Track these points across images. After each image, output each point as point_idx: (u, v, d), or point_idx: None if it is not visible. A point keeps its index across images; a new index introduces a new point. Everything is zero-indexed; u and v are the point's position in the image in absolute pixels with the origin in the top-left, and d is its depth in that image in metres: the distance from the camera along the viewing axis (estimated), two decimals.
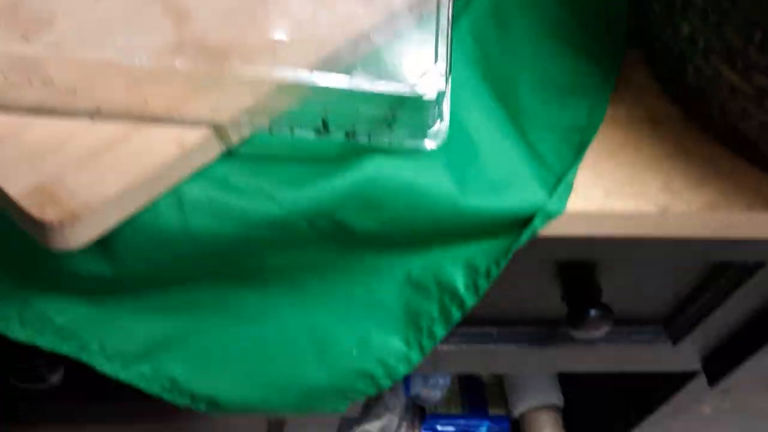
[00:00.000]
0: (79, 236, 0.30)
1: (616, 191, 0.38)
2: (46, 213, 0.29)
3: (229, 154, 0.35)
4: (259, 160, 0.35)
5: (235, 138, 0.34)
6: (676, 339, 0.61)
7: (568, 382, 0.92)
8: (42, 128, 0.31)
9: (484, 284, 0.39)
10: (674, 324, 0.60)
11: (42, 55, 0.31)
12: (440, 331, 0.41)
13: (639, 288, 0.56)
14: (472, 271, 0.39)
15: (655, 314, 0.60)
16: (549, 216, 0.37)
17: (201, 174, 0.34)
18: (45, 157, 0.30)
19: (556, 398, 0.91)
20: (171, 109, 0.31)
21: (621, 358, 0.63)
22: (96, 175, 0.30)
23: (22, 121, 0.31)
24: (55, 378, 0.46)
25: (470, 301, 0.40)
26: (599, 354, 0.62)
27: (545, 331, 0.59)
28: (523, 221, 0.37)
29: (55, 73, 0.30)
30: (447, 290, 0.40)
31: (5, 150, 0.30)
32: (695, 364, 0.65)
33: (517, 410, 0.91)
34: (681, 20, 0.36)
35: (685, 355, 0.63)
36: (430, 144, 0.35)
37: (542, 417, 0.91)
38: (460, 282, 0.39)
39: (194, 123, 0.32)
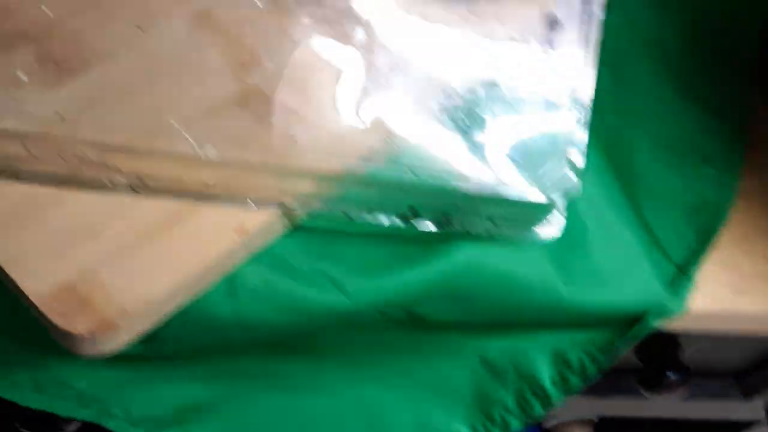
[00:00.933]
0: (114, 343, 0.25)
1: (747, 287, 0.32)
2: (75, 323, 0.23)
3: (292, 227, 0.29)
4: (326, 236, 0.29)
5: (302, 214, 0.28)
6: (747, 394, 0.56)
7: None
8: (73, 206, 0.25)
9: (576, 382, 0.34)
10: (748, 380, 0.55)
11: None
12: (515, 424, 0.36)
13: (717, 346, 0.51)
14: (561, 362, 0.34)
15: (728, 367, 0.55)
16: (665, 315, 0.31)
17: (258, 253, 0.28)
18: (75, 245, 0.24)
19: (591, 412, 0.87)
20: (234, 189, 0.25)
21: (683, 407, 0.58)
22: (139, 271, 0.24)
23: (49, 197, 0.25)
24: (72, 427, 0.41)
25: (556, 396, 0.34)
26: (658, 403, 0.57)
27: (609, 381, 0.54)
28: (633, 317, 0.32)
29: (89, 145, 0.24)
30: (527, 379, 0.34)
31: (26, 236, 0.24)
32: (759, 414, 0.60)
33: (550, 422, 0.87)
34: None
35: (751, 407, 0.58)
36: (542, 234, 0.29)
37: (575, 430, 0.87)
38: (545, 373, 0.34)
39: (259, 204, 0.26)
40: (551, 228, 0.28)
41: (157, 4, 0.29)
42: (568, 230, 0.31)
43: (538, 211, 0.26)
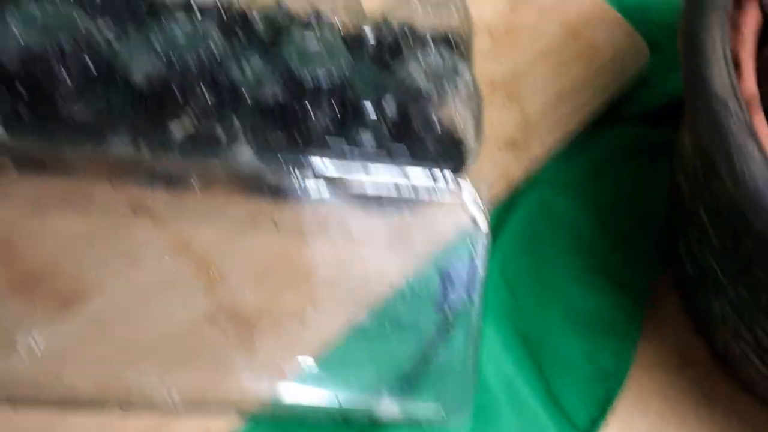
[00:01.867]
0: None
1: None
2: None
3: None
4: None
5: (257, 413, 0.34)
6: None
7: None
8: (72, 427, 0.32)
9: None
10: None
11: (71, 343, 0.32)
12: None
13: None
14: None
15: None
16: None
17: None
18: None
19: None
20: (198, 397, 0.32)
21: None
22: None
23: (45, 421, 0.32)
24: None
25: None
26: None
27: None
28: None
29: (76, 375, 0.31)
30: None
31: None
32: None
33: None
34: (714, 299, 0.35)
35: None
36: (453, 421, 0.35)
37: None
38: None
39: (221, 409, 0.33)
40: (461, 417, 0.35)
41: (144, 235, 0.36)
42: (481, 406, 0.37)
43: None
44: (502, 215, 0.43)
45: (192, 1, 0.36)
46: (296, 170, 0.33)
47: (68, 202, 0.36)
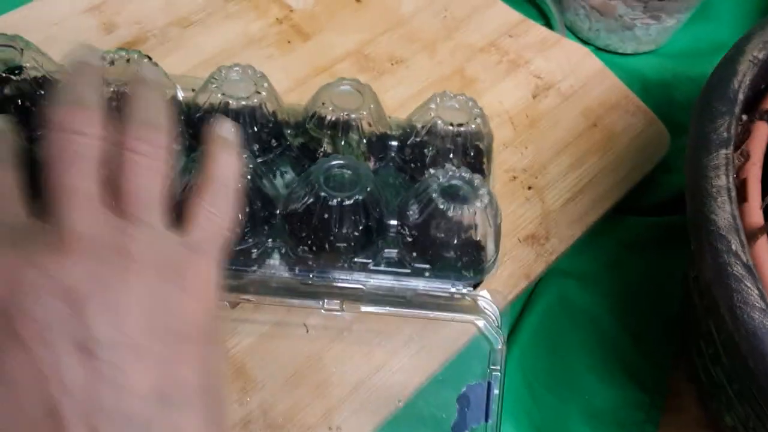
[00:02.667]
0: None
1: None
2: None
3: None
4: None
5: None
6: None
7: None
8: None
9: None
10: None
11: None
12: None
13: None
14: None
15: None
16: None
17: None
18: None
19: None
20: None
21: None
22: None
23: None
24: None
25: None
26: None
27: None
28: None
29: None
30: None
31: None
32: None
33: None
34: (725, 411, 0.36)
35: None
36: None
37: None
38: None
39: None
40: None
41: None
42: None
43: None
44: (521, 309, 0.45)
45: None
46: (322, 297, 0.36)
47: None
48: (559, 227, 0.45)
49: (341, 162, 0.36)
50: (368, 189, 0.35)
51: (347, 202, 0.35)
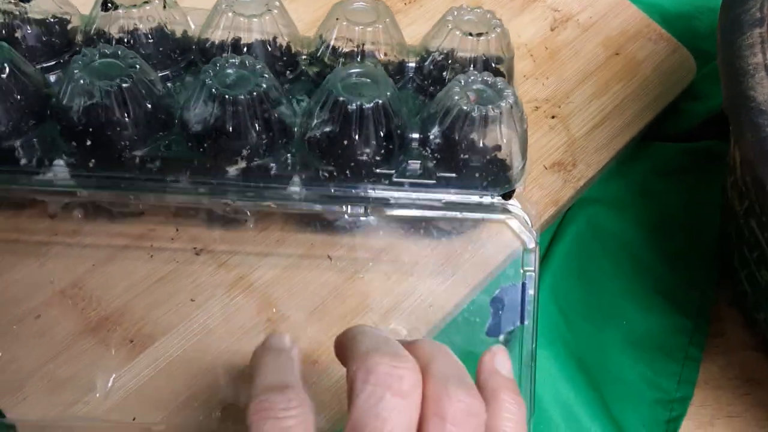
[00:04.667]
0: None
1: None
2: None
3: None
4: None
5: None
6: None
7: None
8: None
9: None
10: None
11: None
12: None
13: None
14: None
15: None
16: None
17: None
18: None
19: None
20: None
21: None
22: None
23: None
24: None
25: None
26: None
27: None
28: None
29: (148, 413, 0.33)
30: None
31: None
32: None
33: None
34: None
35: None
36: None
37: None
38: None
39: None
40: None
41: (206, 275, 0.38)
42: None
43: None
44: (551, 237, 0.43)
45: (241, 44, 0.38)
46: (346, 203, 0.34)
47: (134, 247, 0.38)
48: (586, 154, 0.44)
49: (359, 70, 0.35)
50: (388, 93, 0.34)
51: (367, 106, 0.33)
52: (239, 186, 0.36)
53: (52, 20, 0.38)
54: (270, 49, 0.38)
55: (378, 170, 0.34)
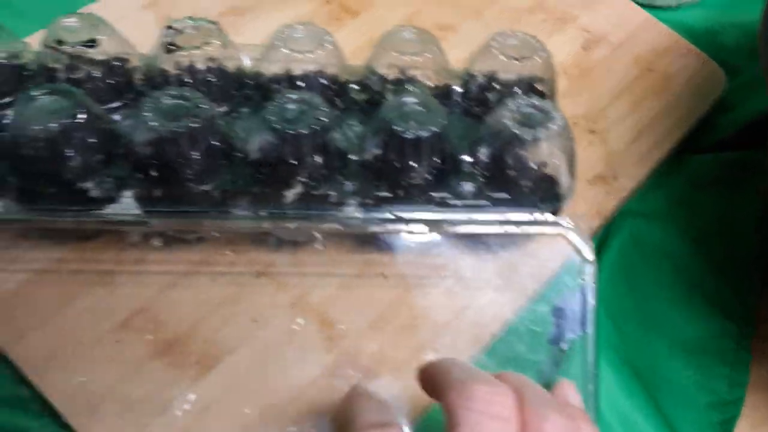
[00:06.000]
0: None
1: None
2: None
3: None
4: None
5: None
6: None
7: None
8: None
9: None
10: None
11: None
12: None
13: None
14: None
15: None
16: None
17: None
18: None
19: None
20: None
21: None
22: None
23: None
24: None
25: None
26: None
27: None
28: None
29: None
30: None
31: None
32: None
33: None
34: None
35: None
36: None
37: None
38: None
39: None
40: None
41: (266, 297, 0.39)
42: None
43: None
44: (596, 249, 0.44)
45: (294, 75, 0.40)
46: (401, 222, 0.36)
47: (196, 272, 0.40)
48: (626, 166, 0.45)
49: (413, 99, 0.36)
50: (442, 121, 0.35)
51: (423, 135, 0.35)
52: (298, 211, 0.37)
53: (114, 62, 0.40)
54: (322, 79, 0.40)
55: (433, 193, 0.36)
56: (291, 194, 0.37)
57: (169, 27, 0.40)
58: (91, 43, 0.39)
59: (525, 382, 0.28)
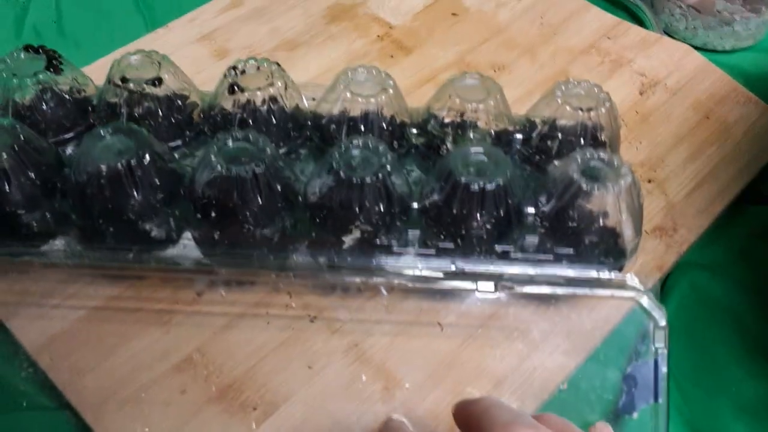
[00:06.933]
0: None
1: None
2: None
3: None
4: None
5: None
6: None
7: None
8: None
9: None
10: None
11: None
12: None
13: None
14: None
15: None
16: None
17: None
18: None
19: None
20: None
21: None
22: None
23: None
24: None
25: None
26: None
27: None
28: None
29: None
30: None
31: None
32: None
33: None
34: None
35: None
36: None
37: None
38: None
39: None
40: None
41: (320, 343, 0.39)
42: None
43: None
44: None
45: (354, 118, 0.40)
46: (467, 278, 0.35)
47: (251, 315, 0.39)
48: (686, 218, 0.44)
49: (479, 149, 0.36)
50: (507, 174, 0.35)
51: (489, 187, 0.34)
52: (356, 257, 0.37)
53: (175, 99, 0.40)
54: (381, 122, 0.40)
55: (495, 245, 0.35)
56: (349, 239, 0.37)
57: (233, 68, 0.39)
58: (157, 82, 0.39)
59: (567, 425, 0.27)
